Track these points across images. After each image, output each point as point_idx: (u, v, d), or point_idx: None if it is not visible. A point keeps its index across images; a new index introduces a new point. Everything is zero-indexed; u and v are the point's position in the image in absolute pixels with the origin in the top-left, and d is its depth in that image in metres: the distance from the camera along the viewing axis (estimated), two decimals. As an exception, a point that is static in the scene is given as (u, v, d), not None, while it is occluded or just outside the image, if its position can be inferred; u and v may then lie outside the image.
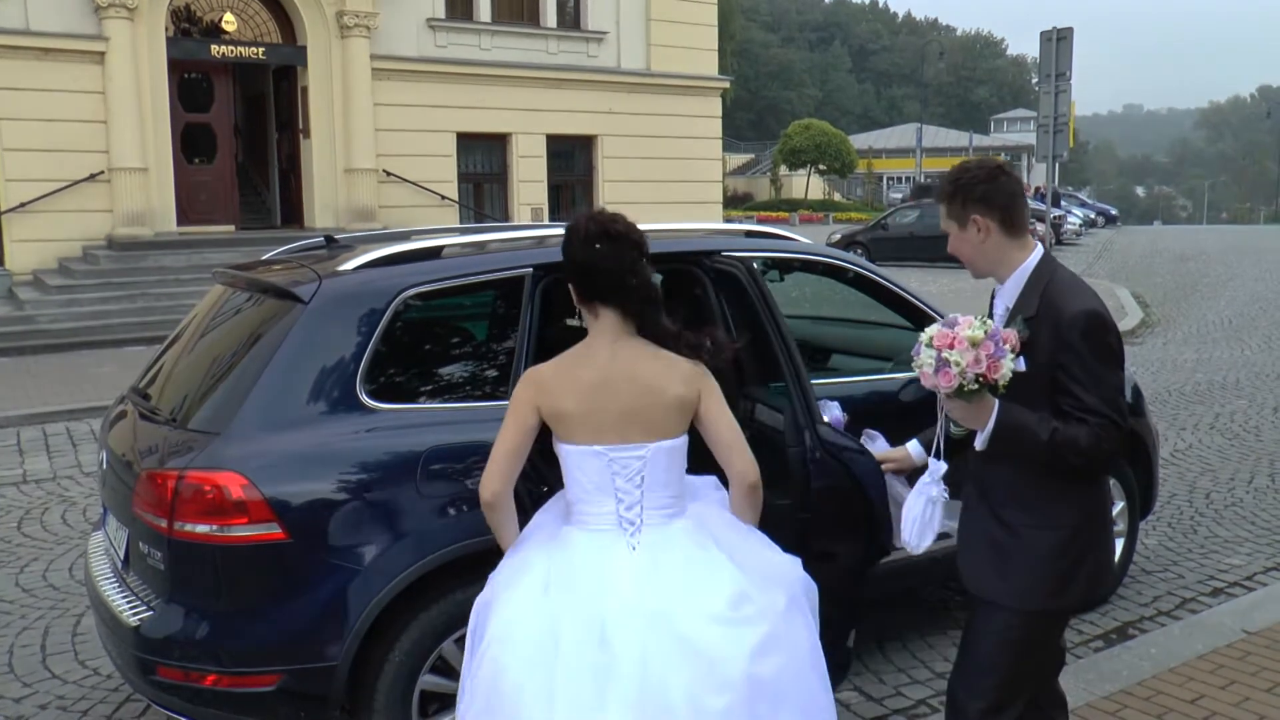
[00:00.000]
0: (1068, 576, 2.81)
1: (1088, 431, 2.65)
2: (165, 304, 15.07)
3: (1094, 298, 2.75)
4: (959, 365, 2.52)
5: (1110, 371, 2.70)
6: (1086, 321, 2.68)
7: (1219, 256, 29.76)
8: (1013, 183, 2.80)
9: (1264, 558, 6.07)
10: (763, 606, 2.73)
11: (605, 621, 2.63)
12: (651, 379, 2.80)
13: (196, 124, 18.75)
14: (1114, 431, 2.68)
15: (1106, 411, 2.67)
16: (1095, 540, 2.85)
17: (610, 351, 2.85)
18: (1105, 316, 2.71)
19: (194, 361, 4.01)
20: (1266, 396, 10.59)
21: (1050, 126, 14.08)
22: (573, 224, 2.94)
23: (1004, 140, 79.50)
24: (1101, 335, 2.69)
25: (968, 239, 2.83)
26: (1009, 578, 2.81)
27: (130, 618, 3.51)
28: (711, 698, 2.57)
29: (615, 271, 2.81)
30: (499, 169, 21.39)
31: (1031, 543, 2.80)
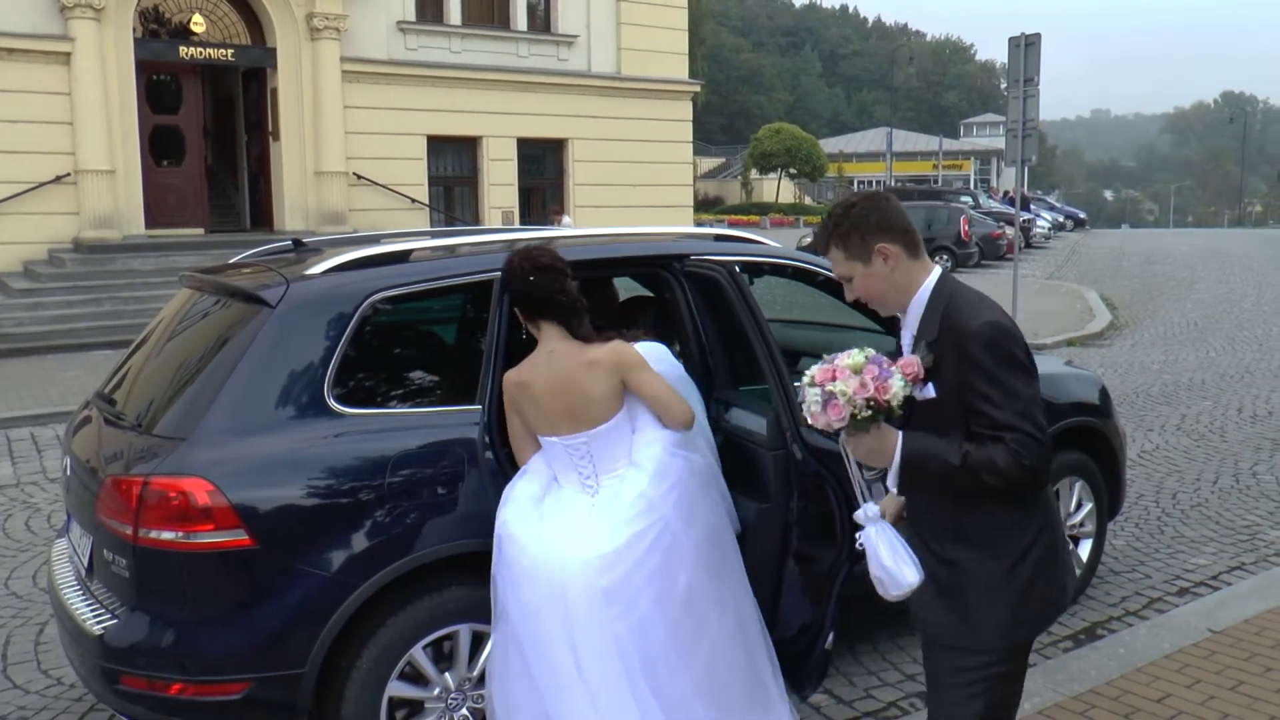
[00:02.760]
0: (1023, 602, 2.63)
1: (1004, 450, 2.47)
2: (133, 308, 14.91)
3: (995, 310, 2.59)
4: (845, 394, 2.44)
5: (1020, 383, 2.51)
6: (988, 334, 2.51)
7: (1185, 259, 30.11)
8: (896, 205, 2.67)
9: (1229, 557, 6.14)
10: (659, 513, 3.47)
11: (565, 549, 3.42)
12: (582, 384, 3.47)
13: (165, 126, 18.59)
14: (1034, 446, 2.48)
15: (1021, 425, 2.48)
16: (1047, 558, 2.66)
17: (548, 356, 3.53)
18: (1009, 327, 2.55)
19: (160, 366, 3.96)
20: (1231, 398, 10.71)
21: (1019, 131, 14.18)
22: (508, 263, 3.59)
23: (973, 144, 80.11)
24: (1006, 346, 2.51)
25: (877, 273, 2.64)
26: (967, 618, 2.63)
27: (94, 626, 3.47)
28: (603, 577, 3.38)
29: (547, 295, 3.52)
30: (469, 172, 21.33)
31: (980, 576, 2.62)
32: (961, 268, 26.28)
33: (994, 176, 73.13)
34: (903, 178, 59.58)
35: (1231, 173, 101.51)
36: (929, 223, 27.28)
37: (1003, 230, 28.61)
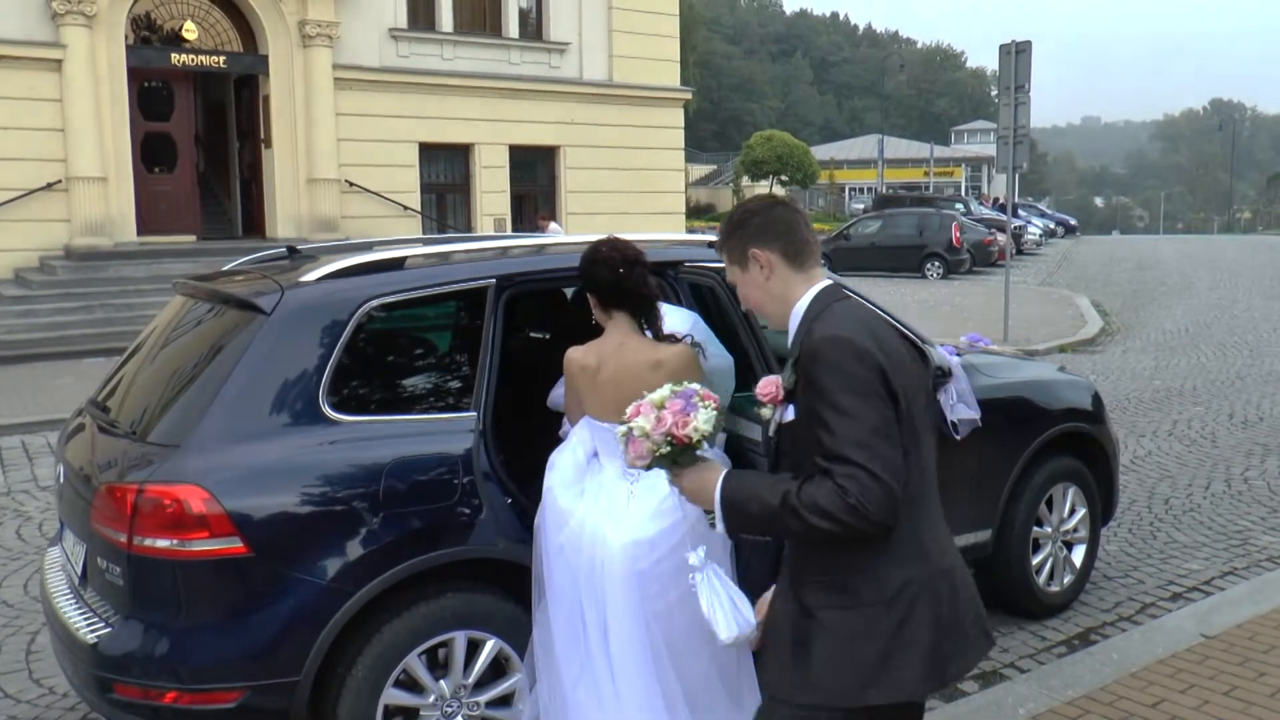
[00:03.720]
0: (880, 664, 2.28)
1: (829, 488, 2.15)
2: (125, 315, 14.87)
3: (849, 324, 2.28)
4: (643, 430, 2.32)
5: (858, 405, 2.16)
6: (825, 348, 2.22)
7: (1175, 265, 30.22)
8: (789, 212, 2.46)
9: (1221, 562, 6.16)
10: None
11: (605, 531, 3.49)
12: (646, 382, 3.24)
13: (157, 133, 18.56)
14: (866, 483, 2.13)
15: (851, 457, 2.14)
16: (918, 616, 2.29)
17: (617, 347, 3.57)
18: (852, 340, 2.22)
19: (154, 373, 3.95)
20: (1222, 403, 10.75)
21: (1010, 138, 14.23)
22: (594, 253, 3.61)
23: (964, 151, 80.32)
24: (844, 363, 2.19)
25: (751, 279, 2.46)
26: (808, 673, 2.32)
27: (87, 634, 3.45)
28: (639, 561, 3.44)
29: (636, 288, 3.59)
30: (462, 179, 21.33)
31: (830, 628, 2.31)
32: (953, 274, 26.36)
33: (985, 183, 73.32)
34: (894, 184, 59.70)
35: (1221, 179, 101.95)
36: (921, 229, 27.37)
37: (994, 237, 28.70)
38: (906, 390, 2.25)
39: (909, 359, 2.34)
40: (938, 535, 2.35)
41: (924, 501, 2.34)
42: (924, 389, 2.40)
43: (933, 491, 2.39)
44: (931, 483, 2.39)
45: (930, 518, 2.35)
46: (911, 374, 2.31)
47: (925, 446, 2.36)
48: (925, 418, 2.36)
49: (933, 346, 4.78)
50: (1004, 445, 5.00)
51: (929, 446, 2.38)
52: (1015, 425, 5.06)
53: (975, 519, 4.97)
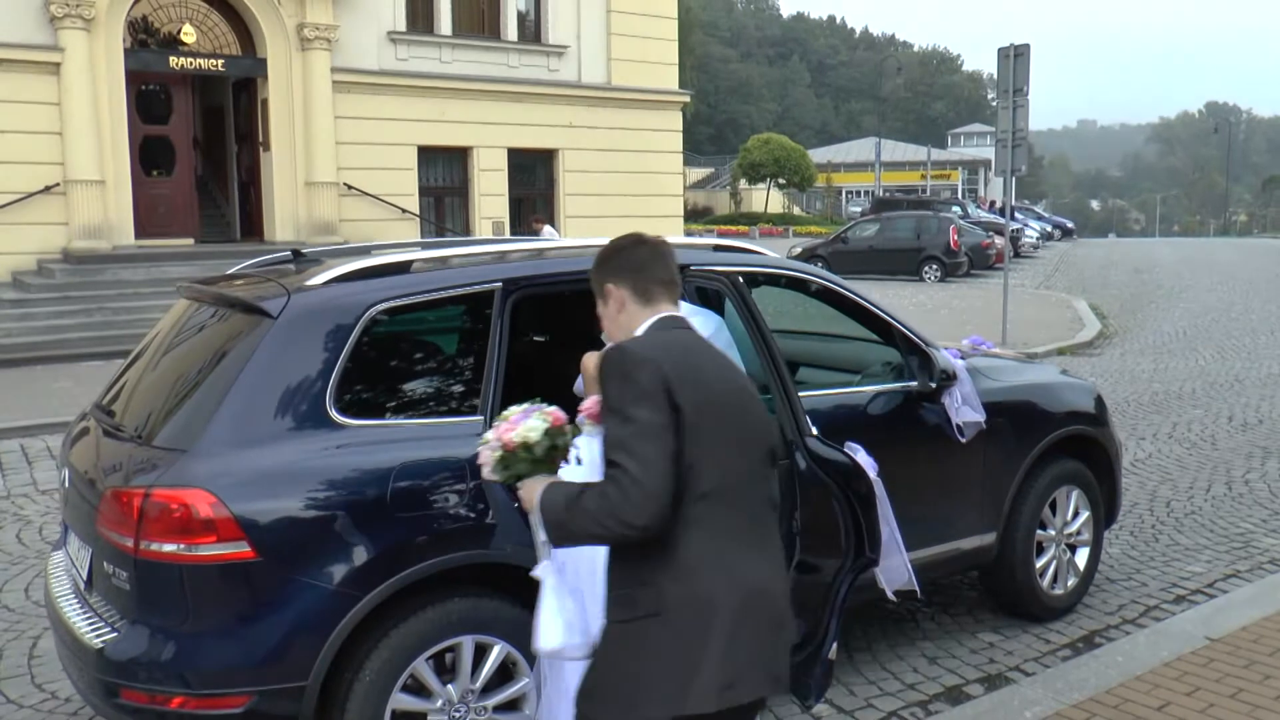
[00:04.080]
0: (635, 678, 2.28)
1: (597, 491, 2.22)
2: (123, 318, 14.84)
3: (644, 342, 2.39)
4: (485, 440, 2.51)
5: (631, 410, 2.22)
6: (611, 360, 2.32)
7: (1172, 268, 30.28)
8: (647, 251, 2.54)
9: (1223, 565, 6.16)
10: None
11: None
12: None
13: (155, 136, 18.54)
14: (627, 485, 2.16)
15: (616, 459, 2.21)
16: (674, 631, 2.26)
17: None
18: (634, 352, 2.30)
19: (159, 377, 3.95)
20: (1221, 406, 10.77)
21: (1009, 141, 14.23)
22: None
23: (961, 154, 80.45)
24: (621, 370, 2.28)
25: (606, 313, 2.58)
26: (587, 683, 2.40)
27: (93, 639, 3.45)
28: None
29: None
30: (460, 182, 21.31)
31: (611, 638, 2.36)
32: (951, 277, 26.38)
33: (981, 186, 73.43)
34: (891, 187, 59.78)
35: (1217, 182, 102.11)
36: (918, 232, 27.38)
37: (992, 240, 28.72)
38: (700, 407, 2.25)
39: (724, 384, 2.36)
40: (740, 556, 2.30)
41: (721, 520, 2.31)
42: (741, 413, 2.38)
43: (742, 514, 2.35)
44: (740, 505, 2.35)
45: (731, 537, 2.31)
46: (719, 394, 2.32)
47: (731, 469, 2.33)
48: (736, 440, 2.34)
49: (937, 350, 4.79)
50: (1008, 448, 5.00)
51: (742, 471, 2.36)
52: (1019, 428, 5.06)
53: (980, 522, 4.97)
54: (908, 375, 4.76)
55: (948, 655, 5.01)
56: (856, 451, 3.69)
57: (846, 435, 3.88)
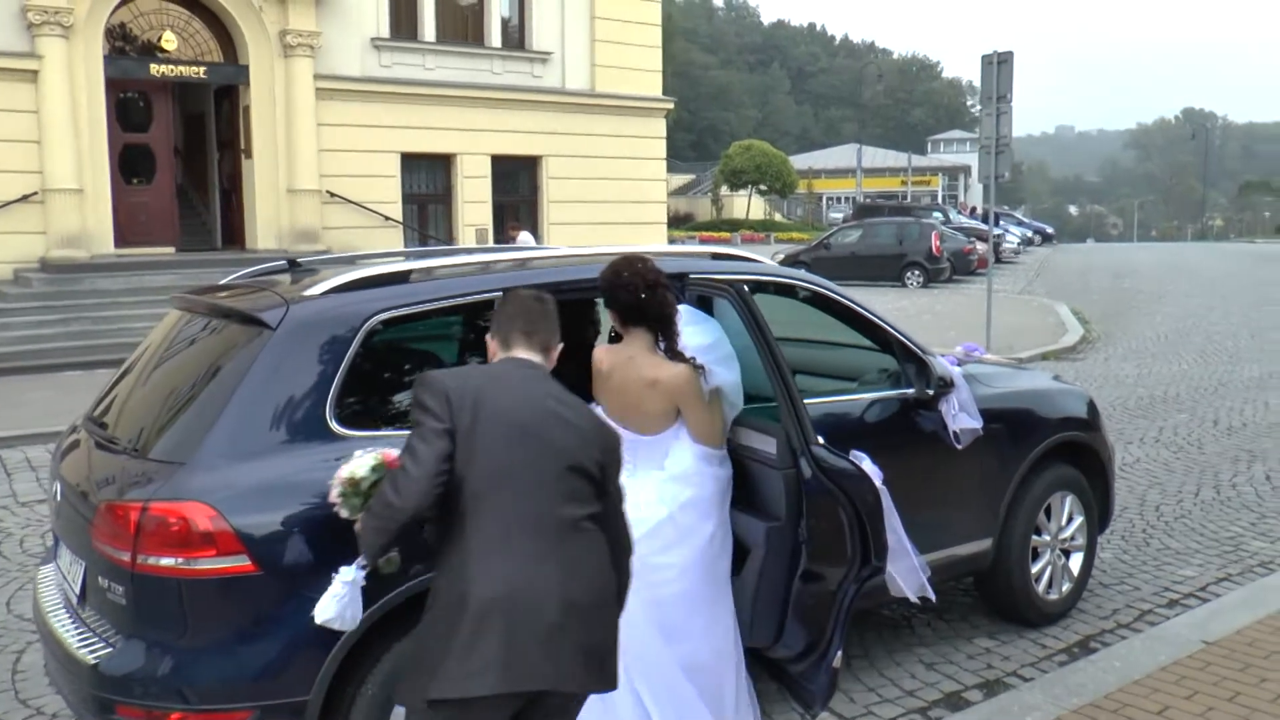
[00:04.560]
0: (415, 665, 2.74)
1: (380, 488, 2.77)
2: (103, 328, 14.72)
3: (445, 373, 2.84)
4: (333, 478, 2.90)
5: (417, 418, 2.69)
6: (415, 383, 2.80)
7: (1151, 273, 30.51)
8: (511, 305, 2.94)
9: (1215, 568, 6.19)
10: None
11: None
12: (641, 398, 3.67)
13: (135, 144, 18.42)
14: (399, 476, 2.66)
15: (400, 458, 2.71)
16: (443, 624, 2.64)
17: (627, 360, 3.78)
18: (426, 376, 2.77)
19: (153, 389, 3.90)
20: (1206, 410, 10.84)
21: (992, 147, 14.30)
22: (614, 275, 3.70)
23: (940, 160, 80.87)
24: (415, 390, 2.74)
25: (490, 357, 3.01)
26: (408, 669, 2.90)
27: (87, 655, 3.40)
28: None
29: (659, 311, 3.72)
30: (443, 190, 21.25)
31: (417, 628, 2.84)
32: (934, 283, 26.48)
33: (961, 192, 73.83)
34: (872, 194, 59.99)
35: (1193, 188, 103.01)
36: (901, 238, 27.47)
37: (973, 245, 28.84)
38: (480, 423, 2.63)
39: (518, 408, 2.70)
40: (504, 559, 2.60)
41: (491, 524, 2.62)
42: (526, 432, 2.68)
43: (518, 521, 2.63)
44: (516, 511, 2.63)
45: (499, 541, 2.61)
46: (504, 414, 2.66)
47: (509, 477, 2.64)
48: (520, 454, 2.66)
49: (935, 357, 4.79)
50: (1004, 455, 5.01)
51: (523, 481, 2.65)
52: (1015, 435, 5.07)
53: (977, 528, 4.98)
54: (904, 382, 4.76)
55: (945, 661, 5.01)
56: (862, 460, 3.68)
57: (845, 443, 3.88)
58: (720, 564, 3.83)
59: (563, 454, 2.69)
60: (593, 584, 2.65)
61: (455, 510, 2.64)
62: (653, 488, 3.76)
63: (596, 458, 2.75)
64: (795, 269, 5.32)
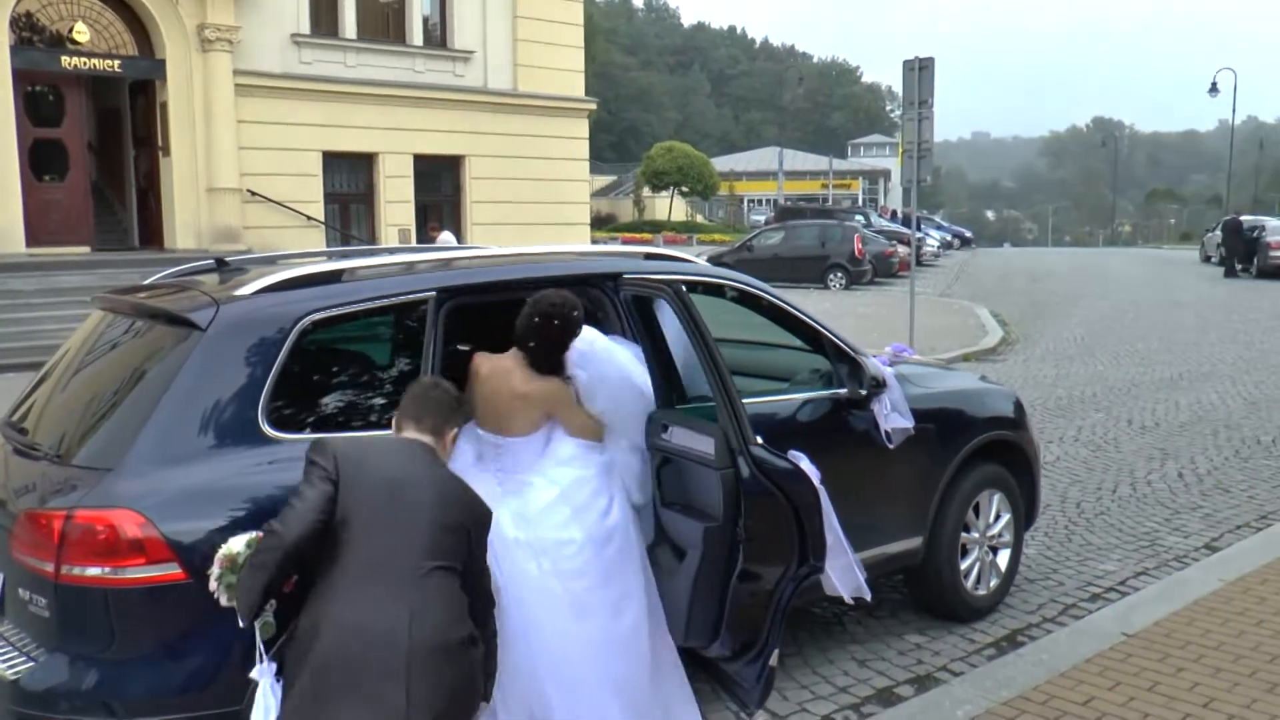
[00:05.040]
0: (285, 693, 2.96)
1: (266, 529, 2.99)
2: (13, 330, 14.22)
3: (338, 440, 3.12)
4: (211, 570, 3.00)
5: (307, 471, 2.99)
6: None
7: (1067, 277, 31.30)
8: (408, 396, 3.28)
9: (1134, 563, 6.37)
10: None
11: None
12: (510, 408, 3.86)
13: (46, 139, 17.81)
14: (287, 512, 2.93)
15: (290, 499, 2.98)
16: (295, 655, 2.90)
17: (505, 371, 3.90)
18: (321, 439, 3.10)
19: (75, 393, 3.78)
20: (1121, 410, 11.15)
21: (914, 152, 14.53)
22: (545, 306, 3.83)
23: (860, 164, 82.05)
24: (310, 450, 3.04)
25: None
26: None
27: (6, 670, 3.28)
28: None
29: (554, 344, 3.88)
30: (365, 189, 20.99)
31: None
32: (856, 285, 26.85)
33: (882, 195, 75.01)
34: (793, 196, 60.63)
35: (1104, 194, 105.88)
36: (823, 240, 27.78)
37: (895, 248, 29.29)
38: (356, 480, 2.93)
39: (389, 469, 3.00)
40: (355, 601, 2.82)
41: (354, 567, 2.85)
42: (394, 491, 2.95)
43: (379, 567, 2.86)
44: (378, 558, 2.86)
45: (358, 585, 2.83)
46: (376, 475, 2.97)
47: (373, 528, 2.88)
48: (384, 511, 2.91)
49: (867, 357, 4.85)
50: (934, 453, 5.09)
51: (387, 533, 2.89)
52: (945, 434, 5.15)
53: (907, 526, 5.06)
54: (837, 383, 4.81)
55: (877, 657, 5.07)
56: (800, 459, 3.71)
57: (779, 443, 3.89)
58: (626, 543, 3.88)
59: (433, 513, 2.94)
60: (438, 627, 2.83)
61: (327, 553, 2.87)
62: (539, 474, 3.87)
63: (465, 522, 3.03)
64: (726, 269, 5.33)
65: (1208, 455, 9.06)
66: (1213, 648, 4.83)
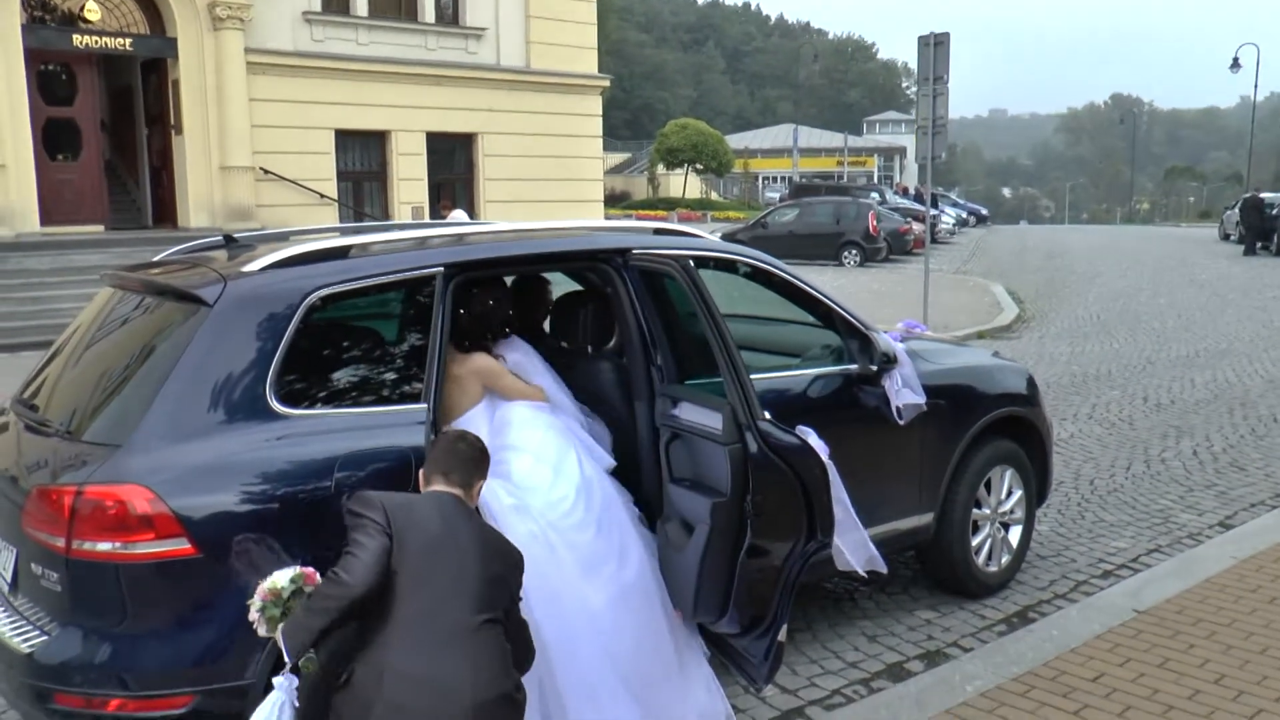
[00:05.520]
0: None
1: (327, 577, 2.97)
2: (29, 309, 14.30)
3: (380, 494, 3.10)
4: (253, 601, 2.98)
5: (359, 523, 3.00)
6: (351, 499, 3.13)
7: (1083, 254, 31.11)
8: (441, 444, 3.28)
9: (1146, 540, 6.35)
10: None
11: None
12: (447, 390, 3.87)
13: (58, 118, 17.82)
14: (351, 561, 2.93)
15: (348, 548, 2.97)
16: (357, 703, 2.90)
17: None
18: (363, 494, 3.09)
19: (85, 369, 3.80)
20: (1136, 387, 11.09)
21: (929, 128, 14.43)
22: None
23: (876, 141, 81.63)
24: (351, 505, 3.06)
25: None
26: None
27: (20, 644, 3.31)
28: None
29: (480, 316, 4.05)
30: (378, 167, 20.95)
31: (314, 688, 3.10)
32: (870, 262, 26.75)
33: (897, 173, 74.64)
34: (808, 173, 60.40)
35: (1122, 171, 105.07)
36: (838, 218, 27.68)
37: (910, 225, 29.15)
38: (408, 539, 2.95)
39: (434, 525, 3.02)
40: (413, 653, 2.87)
41: (410, 622, 2.89)
42: (438, 546, 2.98)
43: (432, 617, 2.90)
44: (429, 608, 2.91)
45: (413, 636, 2.88)
46: (424, 529, 2.99)
47: (426, 579, 2.93)
48: (436, 563, 2.95)
49: (878, 333, 4.83)
50: (946, 430, 5.07)
51: (437, 584, 2.93)
52: (956, 410, 5.13)
53: (919, 502, 5.05)
54: (848, 358, 4.79)
55: (887, 633, 5.07)
56: (808, 434, 3.70)
57: (790, 418, 3.89)
58: (607, 489, 3.95)
59: (478, 565, 3.00)
60: (495, 679, 2.91)
61: (379, 606, 2.91)
62: (507, 449, 3.90)
63: (504, 573, 3.09)
64: (736, 245, 5.30)
65: (1223, 433, 9.02)
66: (1224, 624, 4.82)
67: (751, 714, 4.24)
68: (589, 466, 3.93)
